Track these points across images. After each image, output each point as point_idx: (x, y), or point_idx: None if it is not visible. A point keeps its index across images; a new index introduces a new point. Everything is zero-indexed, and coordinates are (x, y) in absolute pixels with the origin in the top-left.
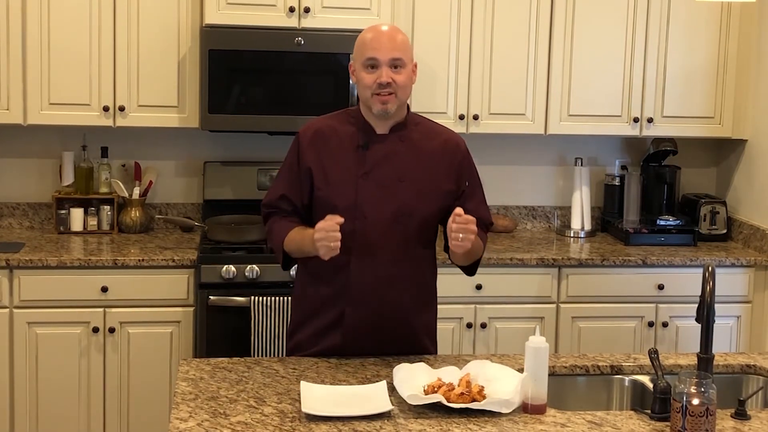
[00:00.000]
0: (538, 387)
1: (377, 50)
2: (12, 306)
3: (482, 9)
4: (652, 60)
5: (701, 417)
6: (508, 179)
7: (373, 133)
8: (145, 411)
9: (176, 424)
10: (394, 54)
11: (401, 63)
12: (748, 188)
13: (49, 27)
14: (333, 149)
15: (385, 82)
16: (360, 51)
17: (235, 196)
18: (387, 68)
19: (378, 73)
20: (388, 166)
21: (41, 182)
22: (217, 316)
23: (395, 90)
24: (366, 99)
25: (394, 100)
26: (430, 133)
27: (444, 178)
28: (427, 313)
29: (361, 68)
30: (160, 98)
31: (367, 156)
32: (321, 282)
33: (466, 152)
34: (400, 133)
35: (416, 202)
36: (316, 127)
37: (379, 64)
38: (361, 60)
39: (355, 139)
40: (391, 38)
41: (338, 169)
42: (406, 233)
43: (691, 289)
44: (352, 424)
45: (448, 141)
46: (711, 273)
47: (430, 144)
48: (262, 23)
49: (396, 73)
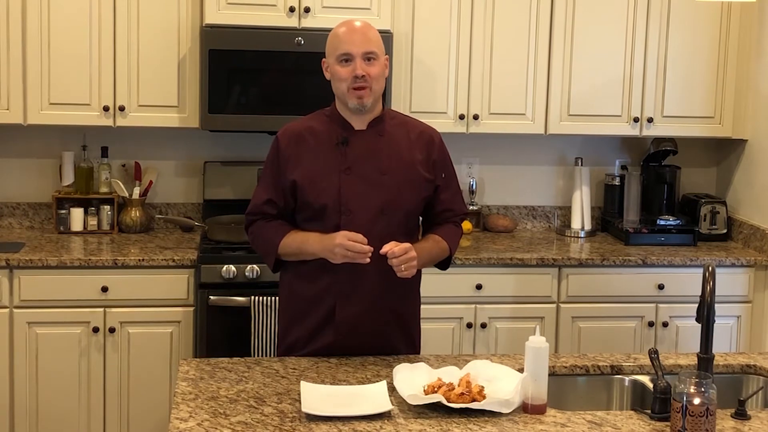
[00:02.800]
0: (538, 387)
1: (351, 44)
2: (12, 306)
3: (482, 9)
4: (652, 60)
5: (701, 417)
6: (508, 179)
7: (352, 129)
8: (145, 411)
9: (176, 424)
10: (368, 47)
11: (374, 56)
12: (748, 188)
13: (49, 27)
14: (312, 148)
15: (360, 74)
16: (333, 46)
17: (235, 196)
18: (361, 61)
19: (352, 66)
20: (369, 161)
21: (41, 182)
22: (217, 316)
23: (370, 83)
24: (342, 94)
25: (369, 94)
26: (406, 126)
27: (423, 169)
28: (413, 302)
29: (335, 63)
30: (160, 98)
31: (348, 152)
32: (309, 281)
33: (441, 144)
34: (377, 128)
35: (400, 194)
36: (293, 128)
37: (352, 57)
38: (335, 54)
39: (334, 137)
40: (363, 33)
41: (319, 166)
42: (391, 226)
43: (691, 289)
44: (352, 424)
45: (423, 133)
46: (711, 273)
47: (408, 137)
48: (262, 23)
49: (369, 66)
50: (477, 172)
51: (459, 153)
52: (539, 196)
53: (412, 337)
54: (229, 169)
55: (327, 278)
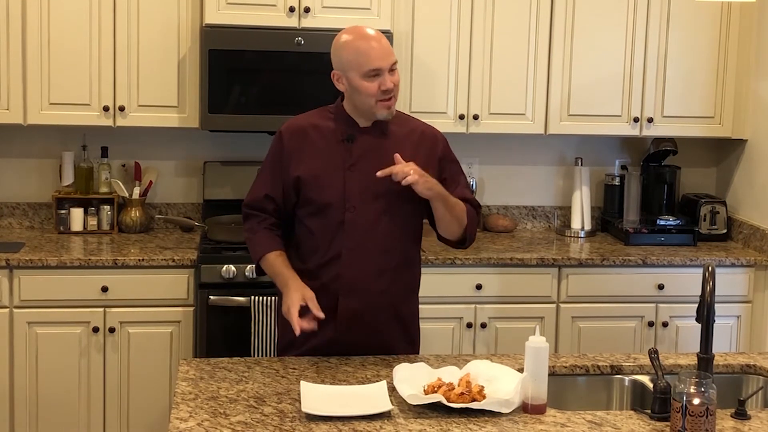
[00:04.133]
0: (538, 387)
1: (380, 59)
2: (12, 306)
3: (482, 9)
4: (652, 60)
5: (701, 417)
6: (508, 179)
7: (357, 127)
8: (145, 411)
9: (176, 424)
10: (392, 59)
11: (396, 66)
12: (748, 188)
13: (49, 27)
14: (316, 143)
15: (390, 88)
16: (357, 62)
17: (235, 196)
18: (388, 74)
19: (381, 80)
20: (374, 158)
21: (41, 182)
22: (217, 316)
23: (395, 92)
24: (370, 107)
25: (395, 102)
26: (409, 125)
27: (426, 167)
28: (413, 300)
29: (361, 77)
30: (160, 98)
31: (353, 149)
32: (311, 276)
33: (445, 142)
34: (382, 126)
35: (403, 191)
36: (297, 123)
37: (382, 72)
38: (362, 70)
39: (338, 133)
40: (382, 44)
41: (324, 163)
42: (395, 223)
43: (691, 289)
44: (352, 424)
45: (425, 132)
46: (711, 273)
47: (411, 136)
48: (262, 23)
49: (393, 76)
50: (477, 172)
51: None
52: (539, 196)
53: (411, 335)
54: (229, 169)
55: (329, 274)
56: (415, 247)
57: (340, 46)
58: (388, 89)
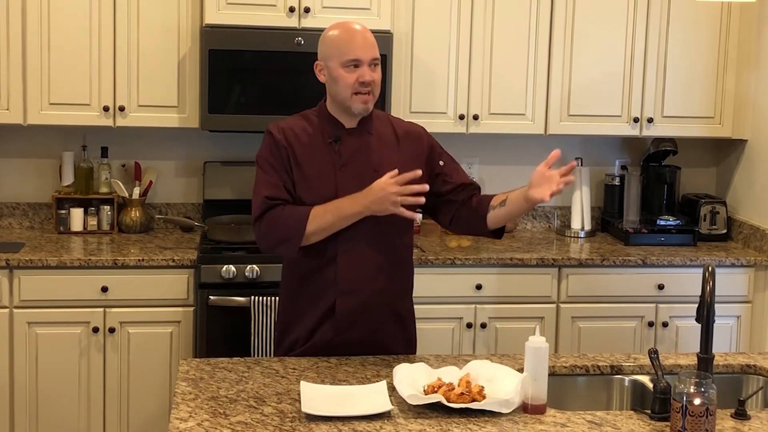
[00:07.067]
0: (538, 387)
1: (361, 50)
2: (12, 306)
3: (482, 9)
4: (652, 60)
5: (701, 417)
6: (508, 179)
7: (343, 128)
8: (145, 411)
9: (176, 424)
10: (375, 53)
11: (378, 62)
12: (748, 188)
13: (49, 27)
14: (305, 145)
15: (368, 80)
16: (339, 50)
17: (235, 196)
18: (368, 67)
19: (360, 72)
20: (362, 158)
21: (41, 182)
22: (217, 316)
23: (373, 88)
24: (345, 99)
25: (372, 99)
26: (393, 124)
27: (414, 165)
28: (409, 299)
29: (340, 67)
30: (160, 98)
31: (341, 149)
32: (309, 279)
33: (428, 135)
34: (367, 126)
35: None
36: (284, 125)
37: (361, 63)
38: (342, 59)
39: (325, 135)
40: (367, 38)
41: (313, 163)
42: (387, 221)
43: (691, 289)
44: (352, 424)
45: (410, 131)
46: (711, 273)
47: (396, 135)
48: (262, 23)
49: (374, 72)
50: (477, 172)
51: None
52: None
53: (409, 334)
54: (229, 169)
55: (326, 276)
56: (407, 246)
57: (325, 37)
58: (365, 81)
